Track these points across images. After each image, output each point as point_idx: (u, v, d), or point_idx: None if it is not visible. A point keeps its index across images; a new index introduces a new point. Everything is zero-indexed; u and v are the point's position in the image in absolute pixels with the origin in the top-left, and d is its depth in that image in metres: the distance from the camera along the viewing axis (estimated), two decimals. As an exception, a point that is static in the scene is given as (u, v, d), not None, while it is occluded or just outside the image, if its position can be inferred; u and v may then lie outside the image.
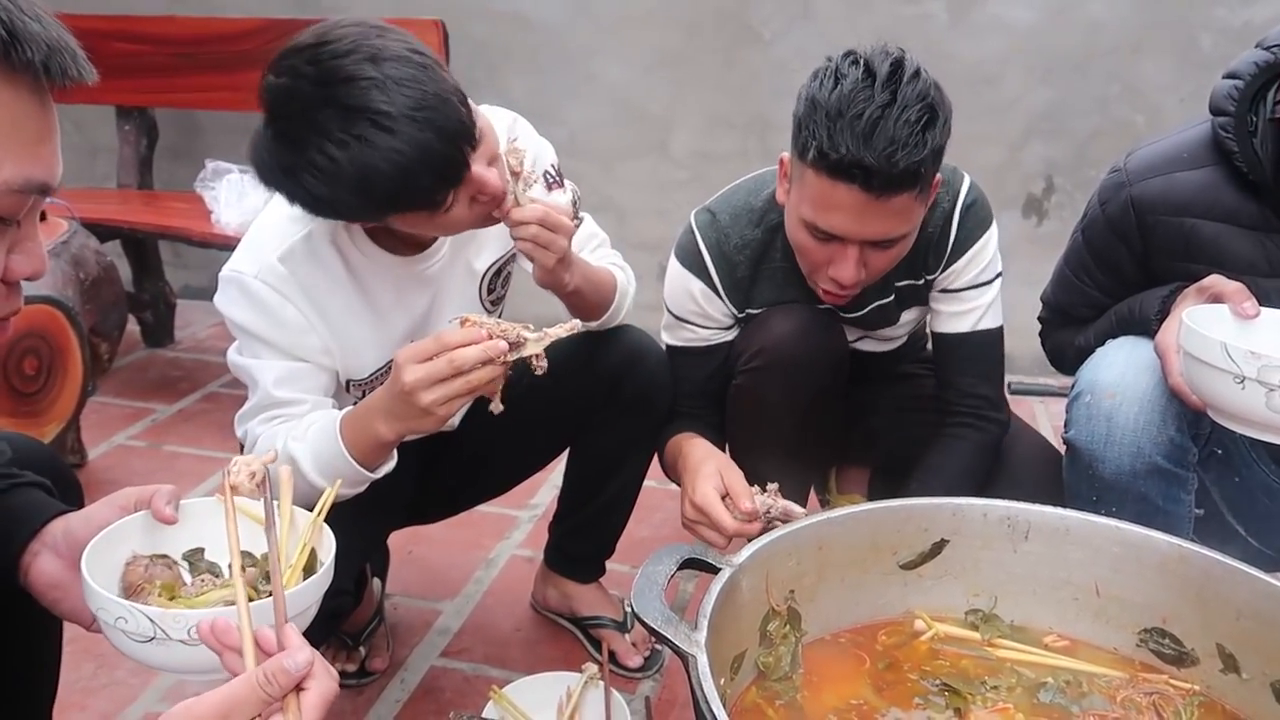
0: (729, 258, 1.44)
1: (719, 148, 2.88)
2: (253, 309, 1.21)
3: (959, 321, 1.47)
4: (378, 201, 1.09)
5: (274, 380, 1.22)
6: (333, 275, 1.26)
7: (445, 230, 1.20)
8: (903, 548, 1.08)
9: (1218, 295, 1.18)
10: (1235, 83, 1.21)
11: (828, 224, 1.24)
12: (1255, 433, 1.09)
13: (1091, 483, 1.26)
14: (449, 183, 1.10)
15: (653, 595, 0.88)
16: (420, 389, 1.07)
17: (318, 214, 1.13)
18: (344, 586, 1.26)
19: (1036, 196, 2.79)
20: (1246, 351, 1.03)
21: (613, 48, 2.88)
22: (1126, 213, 1.30)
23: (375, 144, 1.04)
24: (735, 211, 1.45)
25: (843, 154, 1.17)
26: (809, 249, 1.31)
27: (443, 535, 1.93)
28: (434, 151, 1.06)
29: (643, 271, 2.83)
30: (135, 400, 2.63)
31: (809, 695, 0.99)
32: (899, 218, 1.23)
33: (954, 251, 1.42)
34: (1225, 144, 1.22)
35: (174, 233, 2.58)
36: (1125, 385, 1.23)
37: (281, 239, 1.23)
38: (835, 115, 1.18)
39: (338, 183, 1.06)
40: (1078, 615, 1.08)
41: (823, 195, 1.22)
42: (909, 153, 1.16)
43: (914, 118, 1.17)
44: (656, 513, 2.09)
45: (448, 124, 1.07)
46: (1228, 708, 0.98)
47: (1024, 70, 2.68)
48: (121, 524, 0.88)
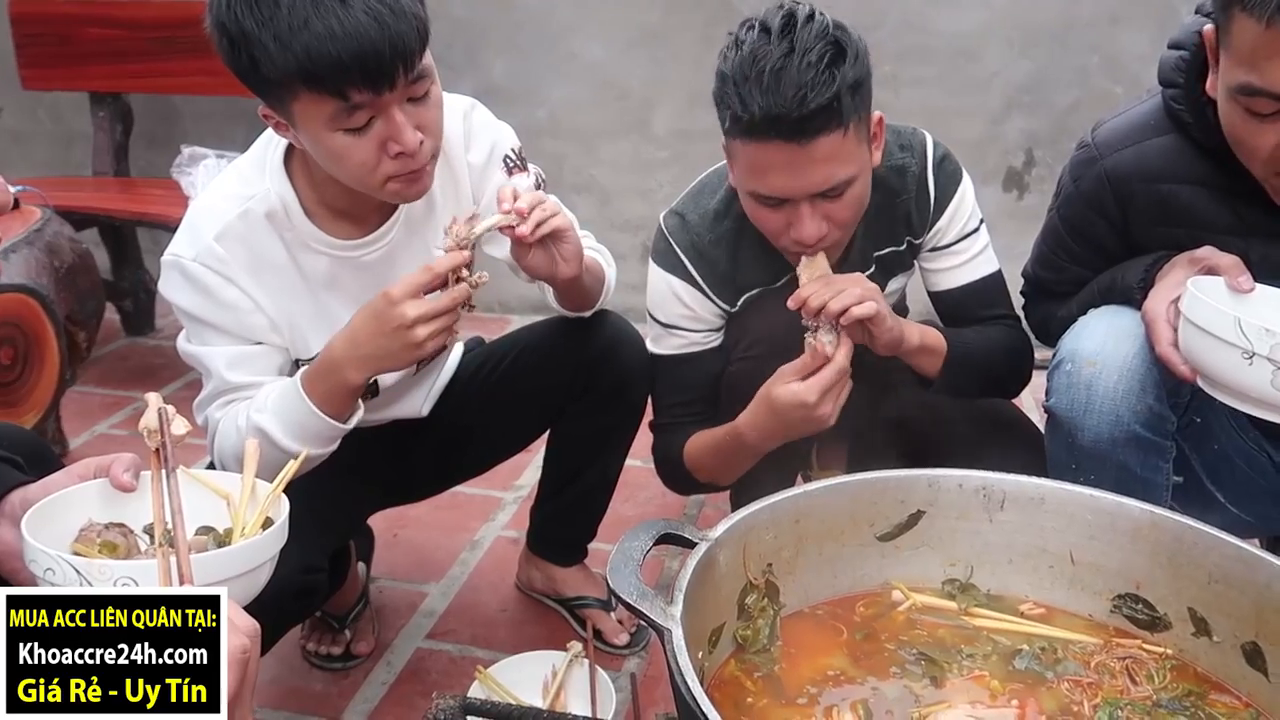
0: (706, 255, 1.43)
1: (699, 126, 2.86)
2: (195, 292, 1.20)
3: (959, 275, 1.48)
4: (291, 58, 1.05)
5: (226, 364, 1.22)
6: (270, 254, 1.24)
7: (343, 163, 1.14)
8: (879, 520, 1.09)
9: (1212, 268, 1.17)
10: (1181, 54, 1.20)
11: (767, 187, 1.24)
12: (1253, 408, 1.08)
13: (1071, 451, 1.26)
14: (366, 82, 1.07)
15: (628, 571, 0.88)
16: (421, 324, 1.12)
17: (232, 52, 1.09)
18: (315, 563, 1.26)
19: (1017, 170, 2.79)
20: (1261, 328, 1.02)
21: (592, 26, 2.86)
22: (1102, 186, 1.30)
23: (320, 3, 1.03)
24: (703, 211, 1.44)
25: (754, 112, 1.17)
26: (766, 219, 1.30)
27: (428, 517, 1.93)
28: (369, 44, 1.04)
29: (625, 252, 2.85)
30: (116, 389, 2.62)
31: (787, 667, 0.99)
32: (834, 162, 1.21)
33: (936, 209, 1.44)
34: (1179, 115, 1.23)
35: (151, 219, 2.56)
36: (1105, 354, 1.23)
37: (217, 219, 1.21)
38: (741, 80, 1.18)
39: (266, 23, 1.04)
40: (1053, 583, 1.09)
41: (753, 161, 1.23)
42: (818, 92, 1.16)
43: (815, 58, 1.16)
44: (641, 491, 2.09)
45: (396, 30, 1.06)
46: (1199, 670, 1.00)
47: (1003, 43, 2.67)
48: (75, 489, 0.86)
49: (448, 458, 1.58)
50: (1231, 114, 1.11)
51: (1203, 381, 1.13)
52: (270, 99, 1.13)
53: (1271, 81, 1.02)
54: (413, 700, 1.53)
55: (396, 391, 1.45)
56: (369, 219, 1.28)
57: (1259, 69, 1.03)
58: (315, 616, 1.63)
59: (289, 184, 1.24)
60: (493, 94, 2.85)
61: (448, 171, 1.33)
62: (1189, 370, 1.14)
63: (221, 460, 1.24)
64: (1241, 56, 1.04)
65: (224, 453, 1.24)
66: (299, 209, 1.24)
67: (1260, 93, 1.04)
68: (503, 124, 1.40)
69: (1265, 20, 0.98)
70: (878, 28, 2.63)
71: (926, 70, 2.72)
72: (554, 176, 1.35)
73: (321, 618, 1.63)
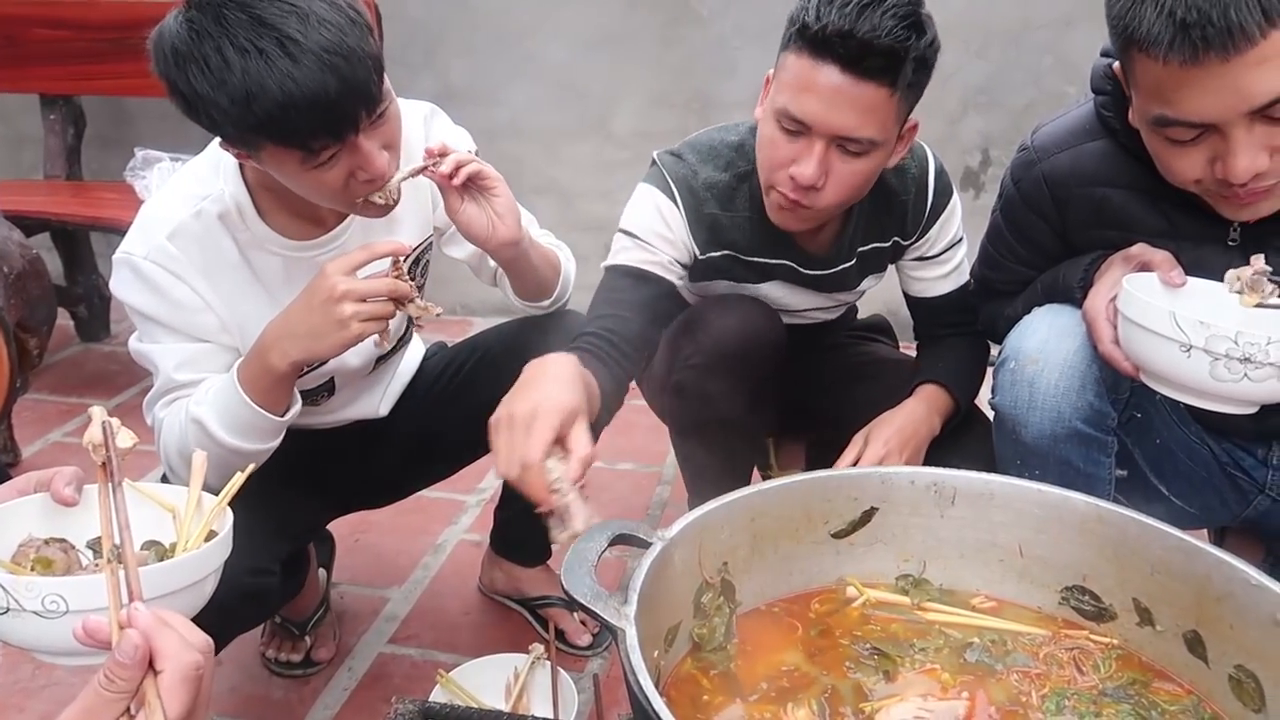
0: (696, 193, 1.42)
1: (660, 127, 2.88)
2: (146, 290, 1.20)
3: (942, 284, 1.56)
4: (252, 120, 1.04)
5: (174, 363, 1.21)
6: (223, 254, 1.24)
7: (314, 192, 1.16)
8: (834, 517, 1.10)
9: (1146, 264, 1.20)
10: (1110, 62, 1.22)
11: (800, 108, 1.24)
12: (1194, 399, 1.11)
13: (1016, 447, 1.28)
14: (330, 134, 1.07)
15: (583, 571, 0.88)
16: (349, 300, 1.11)
17: (189, 113, 1.09)
18: (264, 566, 1.26)
19: (974, 169, 2.83)
20: (1196, 321, 1.05)
21: (551, 27, 2.86)
22: (1040, 188, 1.33)
23: (273, 64, 1.02)
24: (701, 153, 1.45)
25: (828, 24, 1.19)
26: (776, 143, 1.30)
27: (390, 522, 1.92)
28: (327, 97, 1.04)
29: (587, 253, 2.83)
30: (70, 396, 2.58)
31: (743, 664, 1.00)
32: (869, 116, 1.23)
33: (930, 216, 1.49)
34: (1109, 122, 1.25)
35: (105, 224, 2.52)
36: (1047, 352, 1.25)
37: (170, 218, 1.21)
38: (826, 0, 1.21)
39: (221, 87, 1.03)
40: (1003, 576, 1.10)
41: (800, 76, 1.24)
42: (892, 38, 1.19)
43: (902, 13, 1.20)
44: (605, 493, 2.10)
45: (352, 78, 1.05)
46: (1144, 659, 1.02)
47: (960, 44, 2.71)
48: (15, 504, 0.85)
49: (410, 462, 1.58)
50: (1154, 143, 1.14)
51: (1145, 376, 1.16)
52: (235, 146, 1.13)
53: (1183, 111, 1.06)
54: (375, 706, 1.52)
55: (354, 391, 1.45)
56: (326, 219, 1.28)
57: (1169, 101, 1.06)
58: (275, 623, 1.62)
59: (243, 185, 1.23)
60: (452, 95, 2.85)
61: None
62: (1131, 366, 1.16)
63: (167, 458, 1.24)
64: (1150, 92, 1.08)
65: (169, 450, 1.23)
66: (253, 210, 1.24)
67: (1175, 122, 1.07)
68: (460, 129, 1.40)
69: (1161, 59, 1.02)
70: (835, 29, 2.65)
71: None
72: (515, 178, 1.34)
73: (281, 624, 1.62)
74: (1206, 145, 1.08)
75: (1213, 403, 1.10)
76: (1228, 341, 1.03)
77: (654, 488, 2.15)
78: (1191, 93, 1.03)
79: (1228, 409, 1.11)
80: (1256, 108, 1.02)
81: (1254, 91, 1.01)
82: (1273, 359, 1.03)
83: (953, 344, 1.56)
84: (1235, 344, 1.03)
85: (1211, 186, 1.12)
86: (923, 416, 1.46)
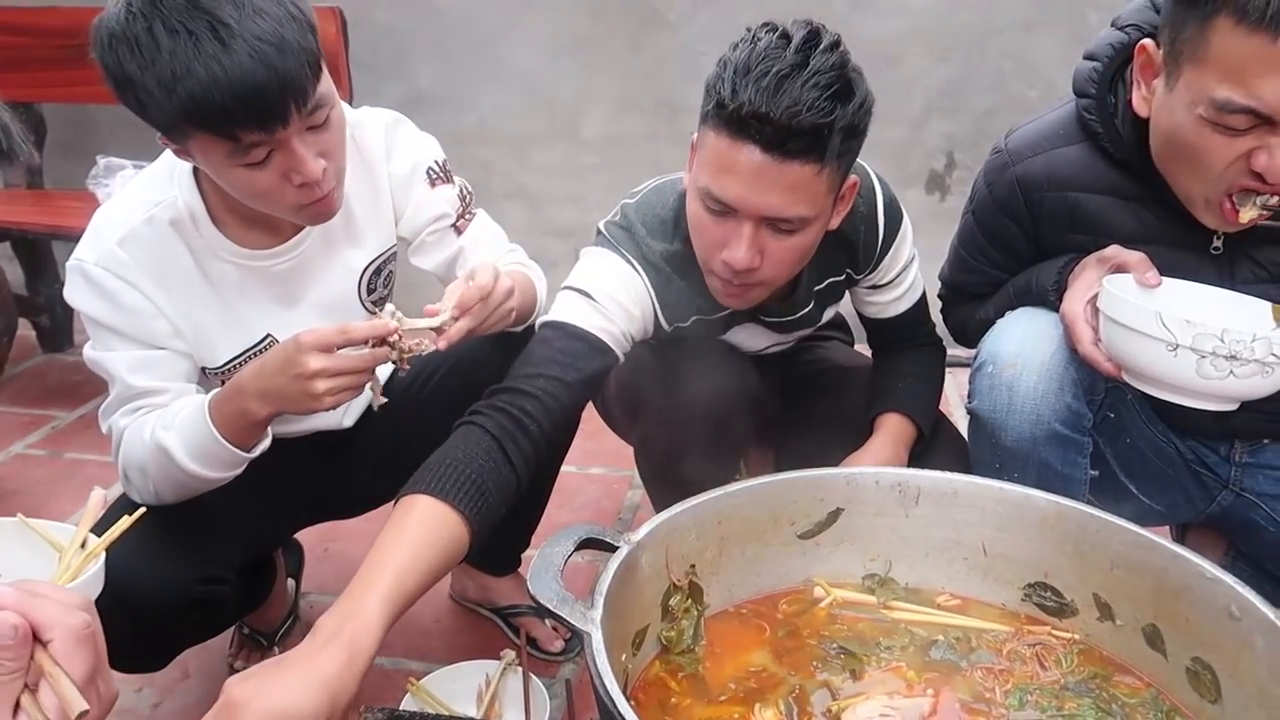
0: (658, 268, 1.35)
1: (629, 132, 2.89)
2: (97, 296, 1.18)
3: (896, 306, 1.53)
4: (176, 103, 1.02)
5: (128, 368, 1.19)
6: (177, 261, 1.22)
7: (248, 194, 1.14)
8: (800, 518, 1.11)
9: (1121, 265, 1.20)
10: (1094, 64, 1.24)
11: (722, 189, 1.17)
12: (1179, 397, 1.12)
13: (995, 451, 1.29)
14: (255, 124, 1.04)
15: (549, 576, 0.89)
16: (321, 378, 1.08)
17: (119, 94, 1.07)
18: (216, 574, 1.24)
19: (939, 172, 2.86)
20: (1182, 320, 1.06)
21: (520, 32, 2.86)
22: (1014, 192, 1.33)
23: (201, 47, 1.01)
24: (648, 224, 1.37)
25: (743, 104, 1.11)
26: (705, 226, 1.23)
27: (360, 530, 1.89)
28: (254, 85, 1.02)
29: (557, 259, 2.84)
30: (33, 408, 2.54)
31: (711, 666, 1.01)
32: (797, 194, 1.16)
33: (882, 249, 1.44)
34: (1090, 125, 1.26)
35: (67, 232, 2.48)
36: (1025, 355, 1.26)
37: (121, 224, 1.20)
38: (743, 71, 1.13)
39: (148, 68, 1.02)
40: (968, 574, 1.12)
41: (721, 156, 1.16)
42: (813, 114, 1.10)
43: (824, 83, 1.11)
44: (577, 497, 2.10)
45: (282, 68, 1.03)
46: (1105, 653, 1.04)
47: (923, 49, 2.74)
48: None
49: (378, 475, 1.56)
50: (1192, 129, 1.08)
51: (1128, 376, 1.17)
52: (165, 134, 1.11)
53: (1260, 95, 1.00)
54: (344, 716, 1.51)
55: None
56: (283, 228, 1.27)
57: (1246, 82, 1.00)
58: (243, 634, 1.61)
59: (197, 193, 1.22)
60: (421, 101, 2.84)
61: (369, 183, 1.32)
62: (1113, 366, 1.17)
63: (125, 472, 1.22)
64: (1226, 69, 1.01)
65: (128, 465, 1.21)
66: (206, 218, 1.23)
67: (1241, 109, 1.02)
68: (428, 136, 1.39)
69: (1277, 36, 0.95)
70: (801, 34, 2.67)
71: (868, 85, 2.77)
72: (484, 183, 1.34)
73: (249, 635, 1.60)
74: (1252, 137, 1.04)
75: (1198, 400, 1.12)
76: (1214, 339, 1.05)
77: (625, 492, 2.15)
78: (1277, 79, 0.98)
79: (1212, 406, 1.13)
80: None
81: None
82: (1258, 355, 1.05)
83: (911, 357, 1.55)
84: (1221, 341, 1.05)
85: (1235, 181, 1.08)
86: (890, 455, 1.42)
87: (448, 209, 1.37)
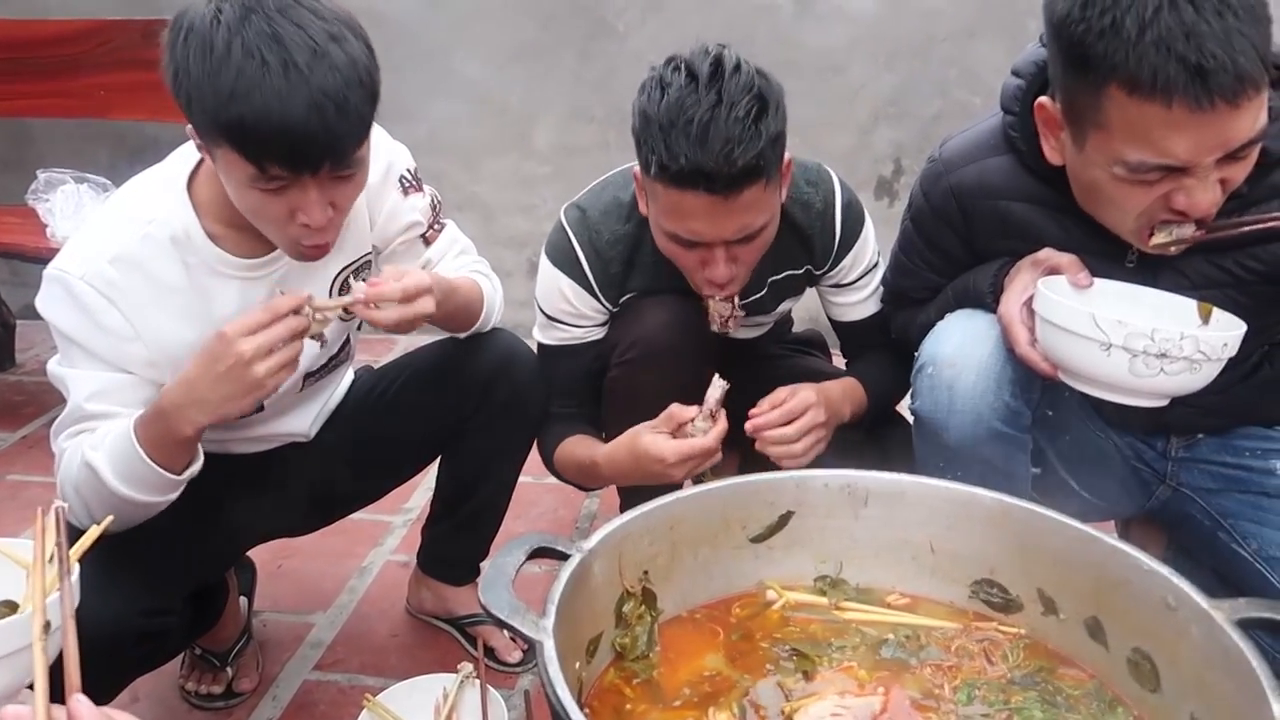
0: (602, 254, 1.46)
1: (580, 141, 2.89)
2: (75, 311, 1.16)
3: (863, 309, 1.59)
4: (224, 118, 1.04)
5: (87, 394, 1.17)
6: (169, 280, 1.20)
7: (253, 213, 1.14)
8: (751, 522, 1.12)
9: (1053, 267, 1.23)
10: (1019, 82, 1.26)
11: (687, 231, 1.28)
12: (1114, 395, 1.15)
13: (939, 451, 1.31)
14: (287, 165, 1.06)
15: (501, 586, 0.89)
16: (258, 360, 1.08)
17: (172, 83, 1.08)
18: (160, 606, 1.21)
19: (886, 178, 2.90)
20: (1115, 320, 1.09)
21: (468, 42, 2.85)
22: (948, 200, 1.36)
23: (268, 79, 1.01)
24: (605, 208, 1.47)
25: (682, 164, 1.20)
26: (679, 255, 1.35)
27: (314, 546, 1.88)
28: (302, 134, 1.03)
29: (511, 269, 2.84)
30: (-27, 429, 2.47)
31: (665, 672, 1.01)
32: (753, 210, 1.27)
33: (840, 249, 1.51)
34: (1015, 142, 1.29)
35: (6, 249, 2.43)
36: (963, 356, 1.28)
37: (116, 240, 1.17)
38: (668, 126, 1.21)
39: (213, 76, 1.03)
40: (917, 573, 1.14)
41: (674, 205, 1.27)
42: (745, 148, 1.20)
43: (743, 112, 1.20)
44: (534, 508, 2.09)
45: (335, 127, 1.04)
46: (1050, 647, 1.06)
47: (868, 57, 2.78)
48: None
49: (338, 485, 1.55)
50: (1109, 183, 1.11)
51: (1064, 375, 1.20)
52: (198, 131, 1.11)
53: (1166, 154, 1.03)
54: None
55: (282, 406, 1.41)
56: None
57: (1152, 144, 1.03)
58: (194, 655, 1.58)
59: (192, 209, 1.21)
60: (369, 112, 2.82)
61: None
62: (1049, 367, 1.20)
63: (63, 492, 1.19)
64: (1128, 134, 1.05)
65: (64, 485, 1.18)
66: (201, 234, 1.21)
67: (1153, 166, 1.06)
68: (399, 144, 1.39)
69: (1169, 104, 0.99)
70: (749, 43, 2.67)
71: (797, 84, 2.76)
72: (436, 194, 1.35)
73: (201, 656, 1.57)
74: (1166, 182, 1.08)
75: (1132, 397, 1.15)
76: (1145, 339, 1.08)
77: (582, 501, 2.15)
78: (1183, 137, 1.02)
79: (1144, 403, 1.16)
80: (1232, 150, 1.04)
81: (1237, 136, 1.02)
82: (1186, 353, 1.08)
83: (877, 358, 1.60)
84: (1152, 340, 1.08)
85: (1157, 217, 1.12)
86: (837, 395, 1.48)
87: (419, 218, 1.39)
